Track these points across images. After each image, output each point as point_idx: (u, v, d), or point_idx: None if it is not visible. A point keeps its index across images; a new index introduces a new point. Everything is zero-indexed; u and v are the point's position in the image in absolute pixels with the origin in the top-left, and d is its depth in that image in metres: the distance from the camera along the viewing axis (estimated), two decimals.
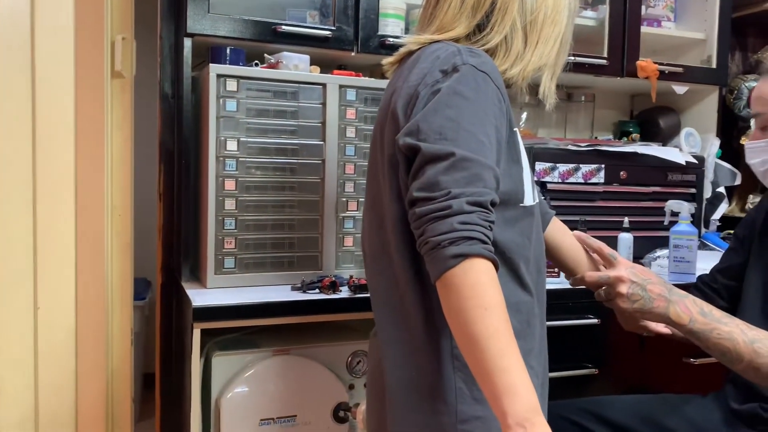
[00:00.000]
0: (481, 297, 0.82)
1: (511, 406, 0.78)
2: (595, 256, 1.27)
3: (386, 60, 1.11)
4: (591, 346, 1.66)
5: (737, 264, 1.42)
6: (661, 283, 1.15)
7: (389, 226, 0.99)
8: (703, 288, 1.46)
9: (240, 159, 1.51)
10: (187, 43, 1.59)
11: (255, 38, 1.64)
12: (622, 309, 1.16)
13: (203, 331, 1.37)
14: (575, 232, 1.29)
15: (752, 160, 1.32)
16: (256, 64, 1.59)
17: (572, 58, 1.93)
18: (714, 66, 2.25)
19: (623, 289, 1.14)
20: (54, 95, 1.61)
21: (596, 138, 2.36)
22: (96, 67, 1.66)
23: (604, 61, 2.06)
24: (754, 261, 1.37)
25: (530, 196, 1.02)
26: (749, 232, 1.41)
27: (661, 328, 1.31)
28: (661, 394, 1.49)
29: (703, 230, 2.22)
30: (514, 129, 1.00)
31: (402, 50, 1.06)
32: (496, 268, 0.85)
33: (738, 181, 2.30)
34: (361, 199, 1.63)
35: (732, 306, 1.35)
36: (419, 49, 1.01)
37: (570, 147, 1.95)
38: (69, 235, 1.64)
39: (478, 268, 0.83)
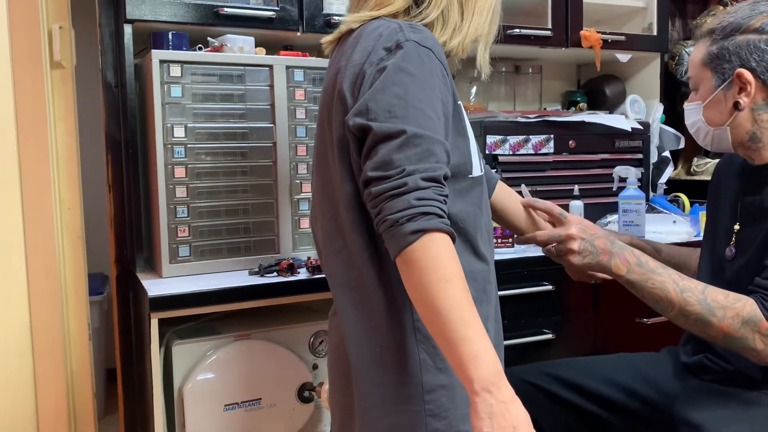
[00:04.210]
0: (441, 270, 0.84)
1: (476, 372, 0.81)
2: (545, 215, 1.31)
3: (325, 39, 1.11)
4: (547, 312, 1.70)
5: None
6: (605, 236, 1.22)
7: (342, 206, 1.00)
8: None
9: (188, 145, 1.49)
10: (128, 29, 1.56)
11: (197, 22, 1.62)
12: (572, 263, 1.21)
13: (162, 321, 1.36)
14: (522, 199, 1.33)
15: (687, 120, 1.35)
16: (200, 48, 1.57)
17: (517, 30, 1.98)
18: (655, 33, 2.30)
19: (575, 245, 1.20)
20: None
21: (545, 109, 2.39)
22: (34, 59, 1.61)
23: (548, 33, 2.09)
24: (705, 232, 1.43)
25: (477, 167, 1.04)
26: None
27: (606, 275, 1.37)
28: (617, 353, 1.54)
29: (651, 194, 2.29)
30: (458, 102, 1.02)
31: (341, 28, 1.06)
32: (453, 241, 0.87)
33: (682, 145, 2.37)
34: None
35: None
36: (359, 26, 1.01)
37: (519, 119, 1.98)
38: (17, 232, 1.60)
39: (437, 242, 0.85)
